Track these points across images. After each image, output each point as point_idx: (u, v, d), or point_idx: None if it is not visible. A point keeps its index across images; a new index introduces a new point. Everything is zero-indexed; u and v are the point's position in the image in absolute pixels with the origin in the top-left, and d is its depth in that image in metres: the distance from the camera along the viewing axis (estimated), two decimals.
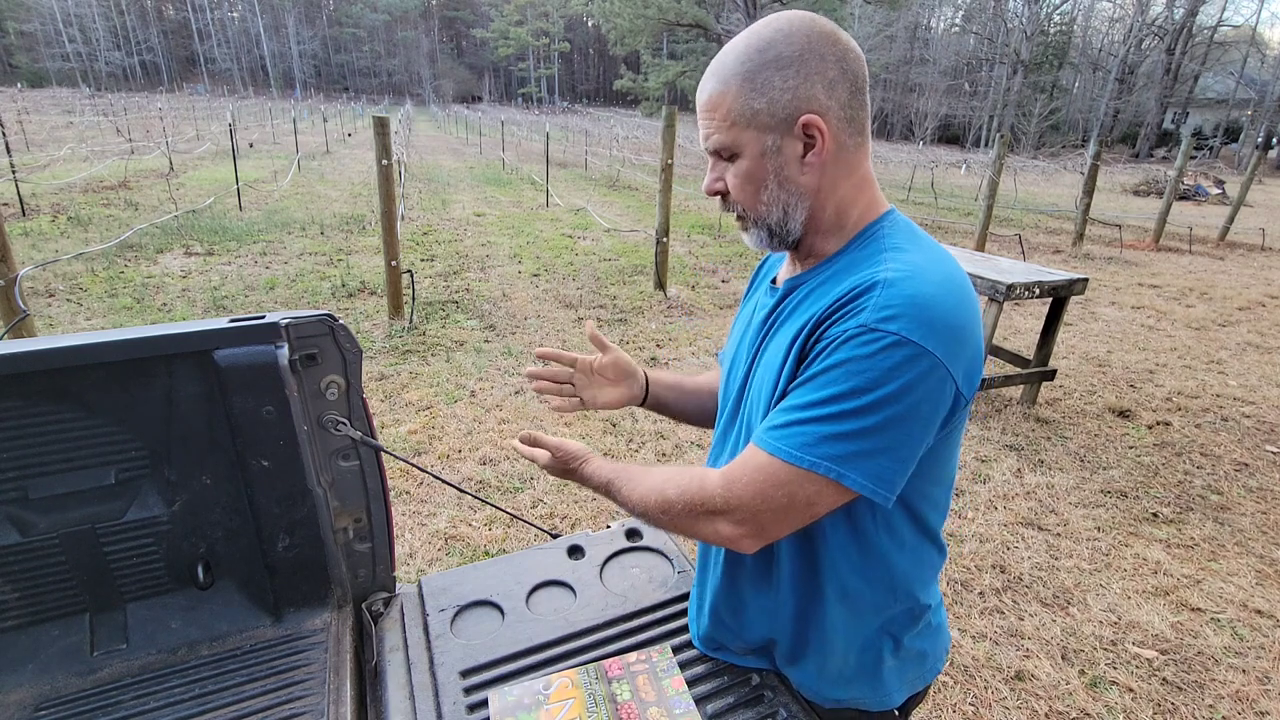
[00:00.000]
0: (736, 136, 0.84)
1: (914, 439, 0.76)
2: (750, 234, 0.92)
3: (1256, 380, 4.89)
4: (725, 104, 0.84)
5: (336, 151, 19.57)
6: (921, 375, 0.73)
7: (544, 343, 4.94)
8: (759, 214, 0.89)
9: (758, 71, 0.82)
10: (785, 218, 0.88)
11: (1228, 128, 41.78)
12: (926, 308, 0.74)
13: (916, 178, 18.52)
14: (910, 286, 0.75)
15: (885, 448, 0.75)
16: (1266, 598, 2.57)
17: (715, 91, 0.84)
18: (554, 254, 7.92)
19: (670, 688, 1.05)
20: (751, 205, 0.88)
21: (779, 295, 0.95)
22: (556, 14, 78.43)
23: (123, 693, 1.02)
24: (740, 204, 0.89)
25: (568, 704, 1.02)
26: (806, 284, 0.90)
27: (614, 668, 1.09)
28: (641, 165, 18.65)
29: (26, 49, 64.64)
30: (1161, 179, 18.69)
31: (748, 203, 0.88)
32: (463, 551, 2.62)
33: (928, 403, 0.75)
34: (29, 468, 0.99)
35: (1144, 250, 10.20)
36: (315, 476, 1.14)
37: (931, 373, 0.74)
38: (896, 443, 0.75)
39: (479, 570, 1.33)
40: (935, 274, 0.78)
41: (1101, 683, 2.14)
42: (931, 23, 59.05)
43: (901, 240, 0.84)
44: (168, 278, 6.03)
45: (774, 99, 0.81)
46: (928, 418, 0.76)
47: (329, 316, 1.09)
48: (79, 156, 13.74)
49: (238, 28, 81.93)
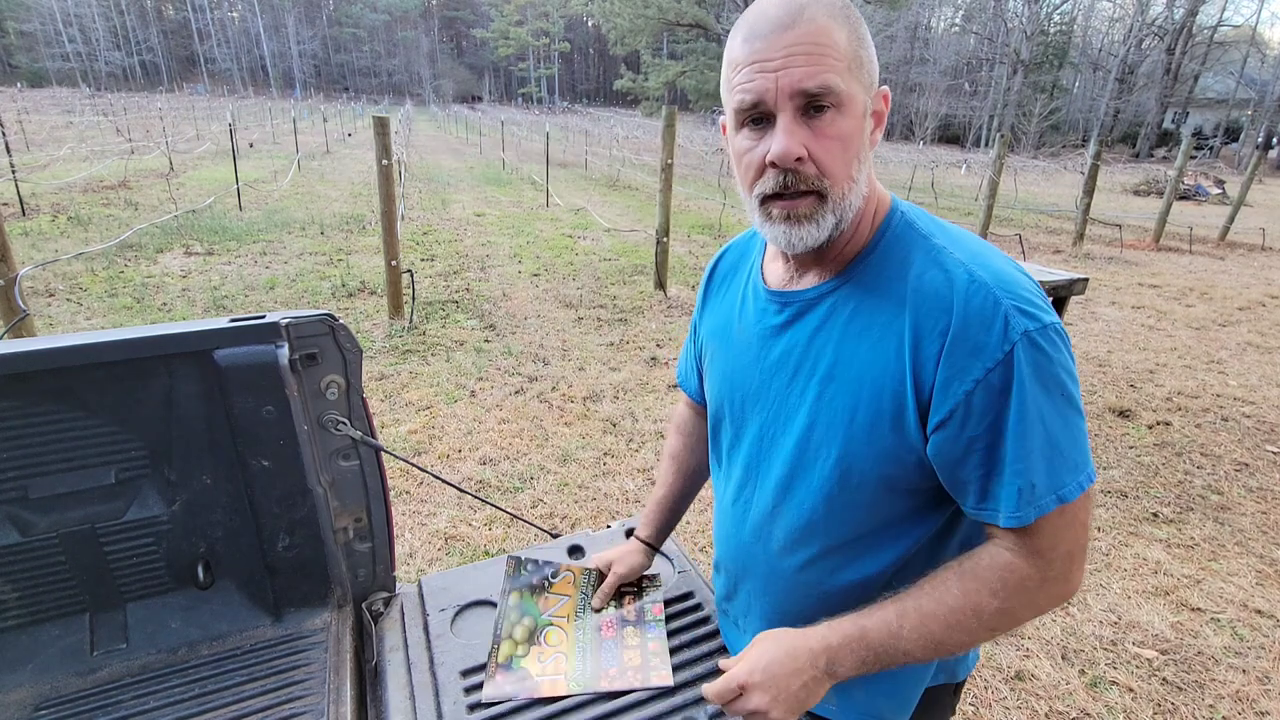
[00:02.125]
0: (850, 85, 0.70)
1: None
2: (814, 223, 0.75)
3: (1257, 380, 4.89)
4: (840, 41, 0.70)
5: (336, 151, 19.57)
6: (1068, 340, 0.73)
7: (544, 342, 4.94)
8: (842, 193, 0.74)
9: (857, 22, 0.72)
10: (853, 204, 0.76)
11: (1228, 128, 41.78)
12: (1027, 287, 0.72)
13: (916, 177, 18.52)
14: (1003, 274, 0.72)
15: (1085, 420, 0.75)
16: (1267, 598, 2.57)
17: (827, 23, 0.69)
18: (554, 254, 7.91)
19: (650, 612, 1.18)
20: (843, 178, 0.73)
21: (798, 310, 0.84)
22: (556, 14, 78.43)
23: (122, 692, 1.02)
24: (829, 175, 0.72)
25: (563, 600, 1.14)
26: (843, 291, 0.80)
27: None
28: (641, 165, 18.65)
29: (26, 49, 64.62)
30: (1162, 179, 18.69)
31: (840, 174, 0.73)
32: (463, 551, 2.62)
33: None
34: (29, 467, 0.99)
35: (1144, 250, 10.20)
36: (315, 476, 1.14)
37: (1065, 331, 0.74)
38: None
39: (479, 570, 1.33)
40: (989, 251, 0.77)
41: (1101, 683, 2.14)
42: (931, 22, 59.03)
43: (931, 227, 0.79)
44: (168, 277, 6.02)
45: (872, 58, 0.74)
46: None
47: (329, 316, 1.08)
48: (79, 156, 13.74)
49: (238, 28, 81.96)
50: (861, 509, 0.83)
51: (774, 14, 0.69)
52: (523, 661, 1.08)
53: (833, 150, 0.71)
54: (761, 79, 0.69)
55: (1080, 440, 0.73)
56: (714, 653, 1.13)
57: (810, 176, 0.72)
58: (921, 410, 0.74)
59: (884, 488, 0.81)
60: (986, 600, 0.75)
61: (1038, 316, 0.70)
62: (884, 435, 0.77)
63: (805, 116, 0.70)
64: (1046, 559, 0.74)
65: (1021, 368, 0.68)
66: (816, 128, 0.70)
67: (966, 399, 0.71)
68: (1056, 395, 0.70)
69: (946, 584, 0.77)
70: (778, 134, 0.71)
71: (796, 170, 0.72)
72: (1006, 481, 0.72)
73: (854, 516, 0.84)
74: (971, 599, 0.75)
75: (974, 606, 0.75)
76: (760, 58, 0.69)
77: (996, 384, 0.69)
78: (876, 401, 0.76)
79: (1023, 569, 0.74)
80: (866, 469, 0.80)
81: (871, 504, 0.82)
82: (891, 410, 0.76)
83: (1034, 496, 0.71)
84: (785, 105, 0.70)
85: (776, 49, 0.69)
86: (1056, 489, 0.71)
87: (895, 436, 0.76)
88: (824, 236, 0.75)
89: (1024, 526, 0.73)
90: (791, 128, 0.70)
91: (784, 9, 0.69)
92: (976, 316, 0.70)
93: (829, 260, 0.82)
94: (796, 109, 0.70)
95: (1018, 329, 0.68)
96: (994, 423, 0.70)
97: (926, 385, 0.73)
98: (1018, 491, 0.71)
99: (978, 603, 0.75)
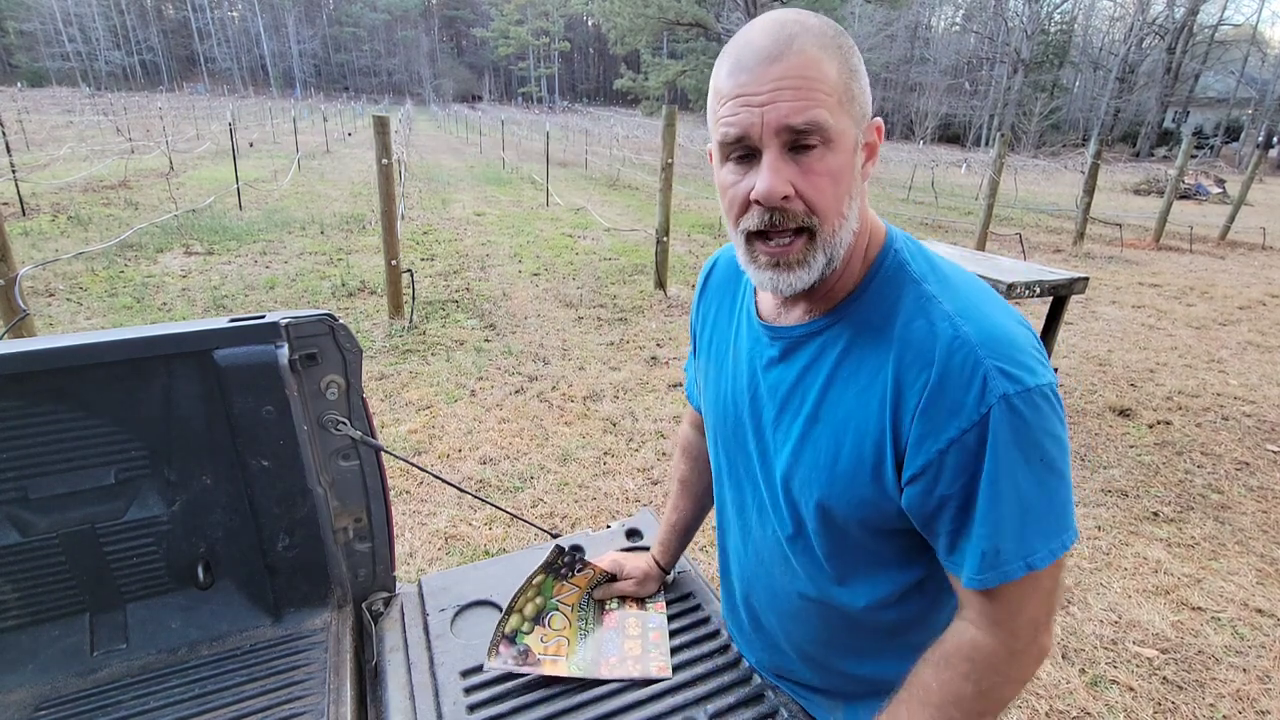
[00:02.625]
0: (840, 120, 0.67)
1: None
2: (805, 268, 0.72)
3: (1257, 379, 4.88)
4: (830, 74, 0.66)
5: (336, 151, 19.56)
6: (1060, 401, 0.70)
7: (544, 342, 4.94)
8: (832, 231, 0.71)
9: (849, 53, 0.69)
10: (844, 241, 0.73)
11: (1228, 127, 41.74)
12: (1016, 344, 0.69)
13: (917, 177, 18.51)
14: (992, 330, 0.69)
15: (1071, 487, 0.72)
16: (1267, 596, 2.57)
17: (817, 55, 0.66)
18: (554, 253, 7.91)
19: (651, 607, 1.22)
20: (833, 216, 0.70)
21: (787, 346, 0.82)
22: (556, 13, 78.41)
23: (122, 693, 1.02)
24: (818, 213, 0.69)
25: (575, 590, 1.18)
26: (832, 331, 0.78)
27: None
28: (641, 164, 18.64)
29: (26, 48, 64.63)
30: (1162, 178, 18.68)
31: (830, 211, 0.70)
32: (463, 551, 2.62)
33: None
34: (29, 468, 0.99)
35: (1144, 249, 10.19)
36: (315, 476, 1.14)
37: (1057, 392, 0.70)
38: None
39: (479, 570, 1.33)
40: (987, 301, 0.73)
41: (1102, 682, 2.13)
42: (932, 22, 59.01)
43: (924, 269, 0.77)
44: (168, 277, 6.02)
45: (864, 89, 0.71)
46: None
47: (329, 316, 1.08)
48: (79, 156, 13.74)
49: (238, 27, 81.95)
50: (849, 548, 0.83)
51: (761, 44, 0.66)
52: (526, 638, 1.10)
53: (821, 187, 0.68)
54: (746, 113, 0.66)
55: (1059, 506, 0.70)
56: (714, 653, 1.13)
57: (799, 214, 0.70)
58: (898, 461, 0.73)
59: (868, 530, 0.80)
60: (962, 687, 0.74)
61: (1020, 379, 0.67)
62: (865, 483, 0.76)
63: (793, 153, 0.68)
64: (1009, 629, 0.72)
65: (997, 431, 0.67)
66: (804, 164, 0.68)
67: (940, 457, 0.69)
68: (1035, 461, 0.68)
69: (925, 681, 0.77)
70: (763, 171, 0.68)
71: (783, 209, 0.69)
72: (972, 544, 0.71)
73: (843, 553, 0.84)
74: (950, 690, 0.74)
75: (954, 697, 0.74)
76: (746, 91, 0.66)
77: (971, 445, 0.68)
78: (858, 449, 0.75)
79: (987, 645, 0.73)
80: (849, 513, 0.79)
81: (859, 544, 0.82)
82: (872, 459, 0.75)
83: (998, 561, 0.70)
84: (771, 141, 0.67)
85: (763, 83, 0.65)
86: (1026, 555, 0.69)
87: (875, 485, 0.76)
88: (814, 278, 0.73)
89: (986, 590, 0.71)
90: (777, 165, 0.67)
91: (771, 40, 0.66)
92: (956, 375, 0.68)
93: (819, 297, 0.80)
94: (783, 145, 0.67)
95: (995, 391, 0.66)
96: (966, 484, 0.69)
97: (904, 438, 0.72)
98: (981, 555, 0.70)
99: (957, 692, 0.74)
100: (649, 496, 3.04)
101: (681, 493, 1.23)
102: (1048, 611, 0.73)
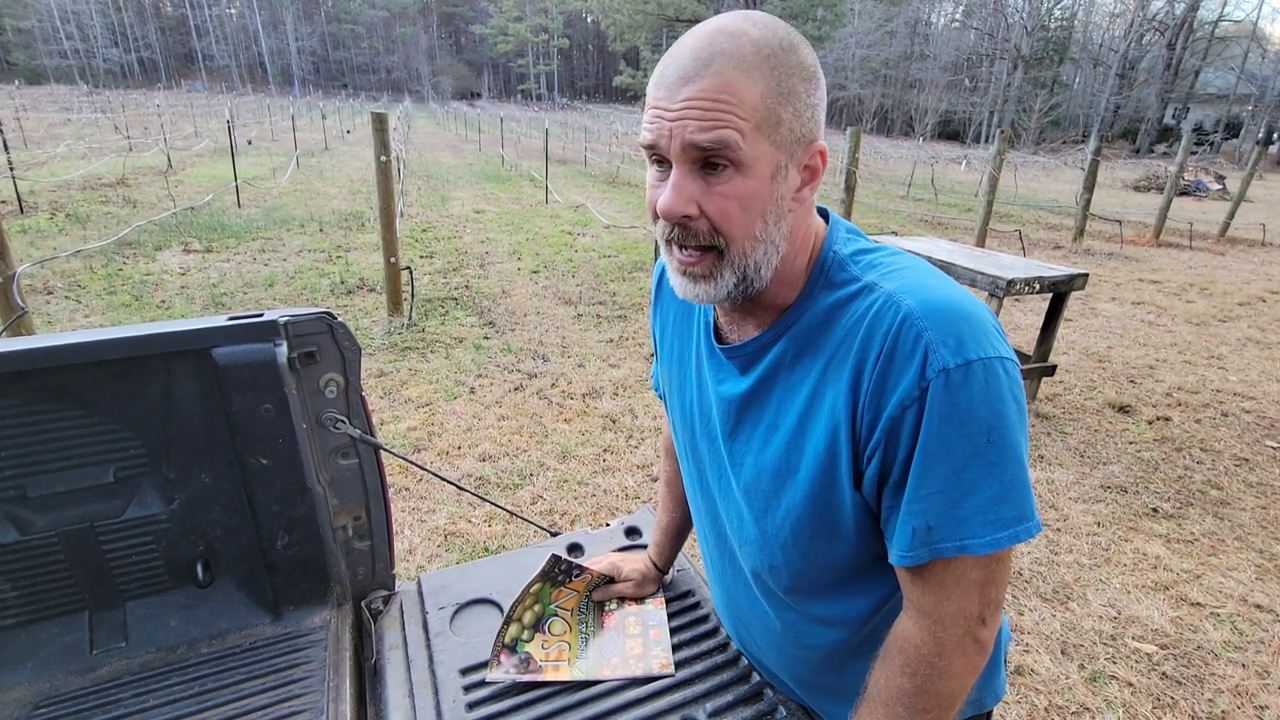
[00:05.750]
0: (755, 144, 0.66)
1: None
2: (711, 283, 0.72)
3: (1257, 375, 4.89)
4: (749, 98, 0.65)
5: (335, 148, 19.53)
6: (1014, 378, 0.67)
7: (543, 339, 4.94)
8: (742, 253, 0.70)
9: (787, 75, 0.66)
10: (765, 262, 0.72)
11: (1228, 123, 41.72)
12: (962, 315, 0.67)
13: (916, 174, 18.50)
14: (937, 304, 0.67)
15: (1026, 471, 0.68)
16: (1266, 592, 2.57)
17: (735, 78, 0.64)
18: (553, 251, 7.91)
19: (650, 604, 1.22)
20: (742, 238, 0.69)
21: (741, 361, 0.82)
22: (555, 10, 78.21)
23: (122, 691, 1.02)
24: (724, 235, 0.69)
25: (572, 595, 1.18)
26: (780, 343, 0.78)
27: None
28: (641, 162, 18.55)
29: (24, 46, 64.49)
30: (1162, 174, 18.67)
31: (738, 234, 0.69)
32: (462, 548, 2.62)
33: (1023, 402, 0.68)
34: (27, 466, 0.99)
35: (1144, 246, 10.19)
36: (314, 474, 1.14)
37: (1015, 369, 0.68)
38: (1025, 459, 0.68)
39: (478, 568, 1.33)
40: (930, 278, 0.71)
41: (1101, 677, 2.14)
42: (932, 18, 58.92)
43: (862, 264, 0.76)
44: (166, 275, 6.02)
45: (798, 113, 0.68)
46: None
47: (328, 314, 1.08)
48: (77, 154, 13.72)
49: (236, 24, 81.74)
50: (818, 558, 0.82)
51: (682, 62, 0.66)
52: (527, 646, 1.10)
53: (728, 210, 0.67)
54: (659, 125, 0.66)
55: (1007, 489, 0.66)
56: (713, 650, 1.13)
57: (703, 233, 0.69)
58: (856, 452, 0.72)
59: (837, 539, 0.79)
60: (900, 681, 0.73)
61: (963, 351, 0.65)
62: (828, 485, 0.76)
63: (703, 170, 0.67)
64: (935, 618, 0.70)
65: (933, 404, 0.65)
66: (713, 184, 0.67)
67: (885, 435, 0.69)
68: (978, 436, 0.65)
69: (875, 677, 0.76)
70: (667, 188, 0.68)
71: (685, 225, 0.69)
72: (903, 520, 0.70)
73: (813, 564, 0.83)
74: (892, 686, 0.74)
75: (896, 693, 0.74)
76: (661, 105, 0.66)
77: (911, 420, 0.66)
78: (816, 456, 0.75)
79: (915, 636, 0.72)
80: (817, 524, 0.78)
81: (828, 553, 0.81)
82: (829, 463, 0.74)
83: (930, 539, 0.68)
84: (679, 158, 0.67)
85: (675, 100, 0.65)
86: (962, 536, 0.66)
87: (838, 485, 0.75)
88: (723, 294, 0.73)
89: (916, 571, 0.70)
90: (682, 183, 0.67)
91: (692, 59, 0.65)
92: (900, 350, 0.67)
93: (763, 309, 0.80)
94: (692, 162, 0.66)
95: (936, 365, 0.64)
96: (904, 459, 0.68)
97: (860, 426, 0.71)
98: (912, 532, 0.69)
99: (898, 687, 0.73)
100: (648, 493, 3.04)
101: (669, 494, 1.23)
102: (980, 604, 0.70)
